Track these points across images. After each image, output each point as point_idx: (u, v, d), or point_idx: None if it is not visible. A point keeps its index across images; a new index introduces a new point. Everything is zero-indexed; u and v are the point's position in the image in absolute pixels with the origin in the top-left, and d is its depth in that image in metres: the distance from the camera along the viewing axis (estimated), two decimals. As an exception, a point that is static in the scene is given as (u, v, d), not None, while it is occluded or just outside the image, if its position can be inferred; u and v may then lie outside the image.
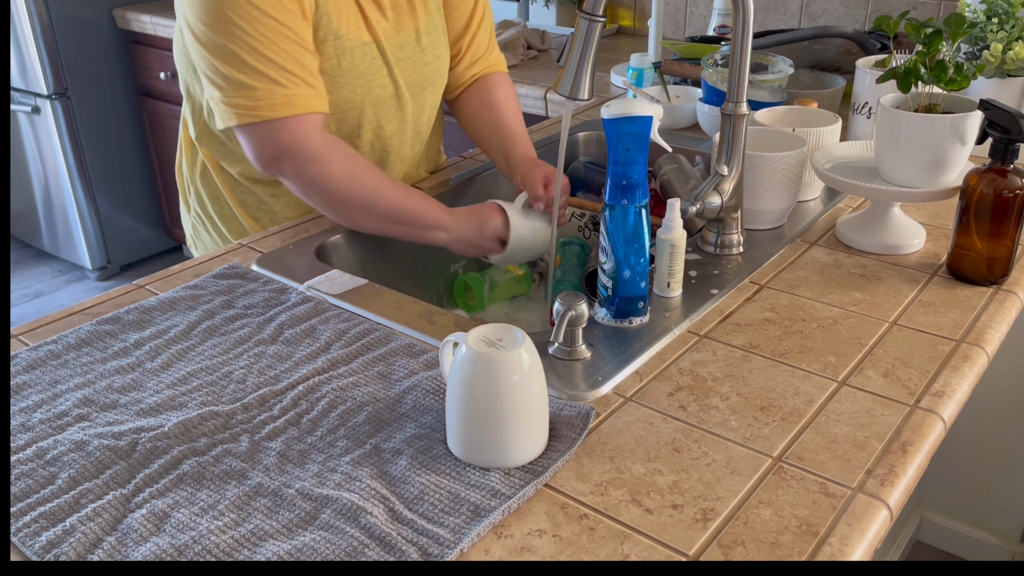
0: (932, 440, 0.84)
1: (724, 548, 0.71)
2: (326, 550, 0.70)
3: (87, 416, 0.87)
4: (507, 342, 0.78)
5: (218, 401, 0.90)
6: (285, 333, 1.01)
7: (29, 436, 0.85)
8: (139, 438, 0.83)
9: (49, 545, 0.72)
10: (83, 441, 0.83)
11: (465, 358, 0.77)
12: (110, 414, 0.88)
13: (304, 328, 1.01)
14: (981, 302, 1.07)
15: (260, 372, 0.94)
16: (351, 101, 1.26)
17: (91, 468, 0.80)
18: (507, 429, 0.78)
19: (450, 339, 0.83)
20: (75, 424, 0.86)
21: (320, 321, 1.02)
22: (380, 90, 1.28)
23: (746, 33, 1.09)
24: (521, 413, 0.78)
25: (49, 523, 0.74)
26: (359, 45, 1.24)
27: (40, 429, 0.85)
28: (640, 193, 0.97)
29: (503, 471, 0.79)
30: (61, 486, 0.78)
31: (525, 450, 0.79)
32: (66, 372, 0.95)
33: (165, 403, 0.89)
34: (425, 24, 1.32)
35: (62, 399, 0.90)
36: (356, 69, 1.24)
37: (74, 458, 0.81)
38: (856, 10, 2.19)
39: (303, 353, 0.97)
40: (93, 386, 0.92)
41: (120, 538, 0.72)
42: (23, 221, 3.46)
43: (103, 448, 0.82)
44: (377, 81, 1.27)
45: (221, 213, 1.38)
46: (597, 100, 1.89)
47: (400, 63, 1.29)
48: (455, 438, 0.80)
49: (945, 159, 1.12)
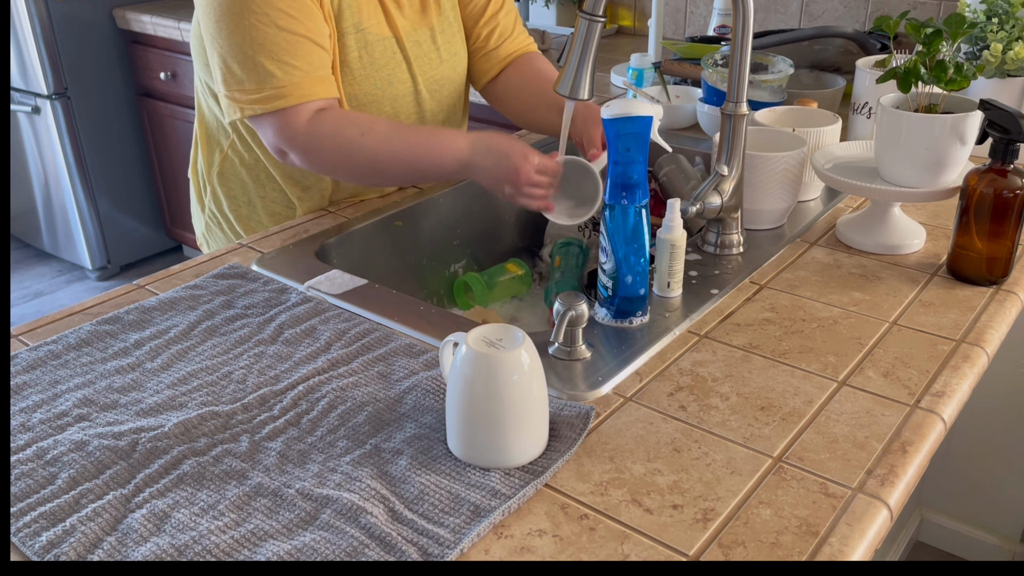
0: (932, 440, 0.84)
1: (724, 548, 0.71)
2: (326, 550, 0.70)
3: (87, 416, 0.87)
4: (507, 342, 0.78)
5: (218, 401, 0.89)
6: (285, 333, 1.01)
7: (29, 436, 0.84)
8: (139, 438, 0.83)
9: (49, 545, 0.72)
10: (83, 441, 0.83)
11: (465, 358, 0.77)
12: (110, 414, 0.88)
13: (304, 328, 1.01)
14: (981, 302, 1.07)
15: (260, 372, 0.94)
16: (371, 95, 1.28)
17: (91, 468, 0.80)
18: (507, 429, 0.78)
19: (450, 339, 0.83)
20: (75, 424, 0.86)
21: (320, 321, 1.02)
22: (399, 85, 1.30)
23: (746, 33, 1.09)
24: (521, 413, 0.78)
25: (49, 523, 0.74)
26: (380, 39, 1.26)
27: (40, 429, 0.85)
28: (640, 193, 0.97)
29: (503, 471, 0.78)
30: (61, 486, 0.78)
31: (525, 450, 0.79)
32: (66, 372, 0.95)
33: (165, 403, 0.89)
34: (439, 24, 1.34)
35: (62, 399, 0.90)
36: (376, 63, 1.27)
37: (74, 458, 0.81)
38: (856, 10, 2.19)
39: (303, 353, 0.97)
40: (93, 386, 0.92)
41: (120, 538, 0.72)
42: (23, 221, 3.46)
43: (103, 448, 0.82)
44: (397, 76, 1.30)
45: (238, 212, 1.39)
46: (597, 100, 1.89)
47: (418, 59, 1.32)
48: (455, 438, 0.80)
49: (945, 159, 1.12)
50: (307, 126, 1.17)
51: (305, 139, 1.18)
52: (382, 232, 1.32)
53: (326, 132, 1.18)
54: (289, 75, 1.15)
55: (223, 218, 1.41)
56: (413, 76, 1.32)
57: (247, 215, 1.38)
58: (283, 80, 1.15)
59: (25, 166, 3.25)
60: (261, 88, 1.16)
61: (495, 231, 1.50)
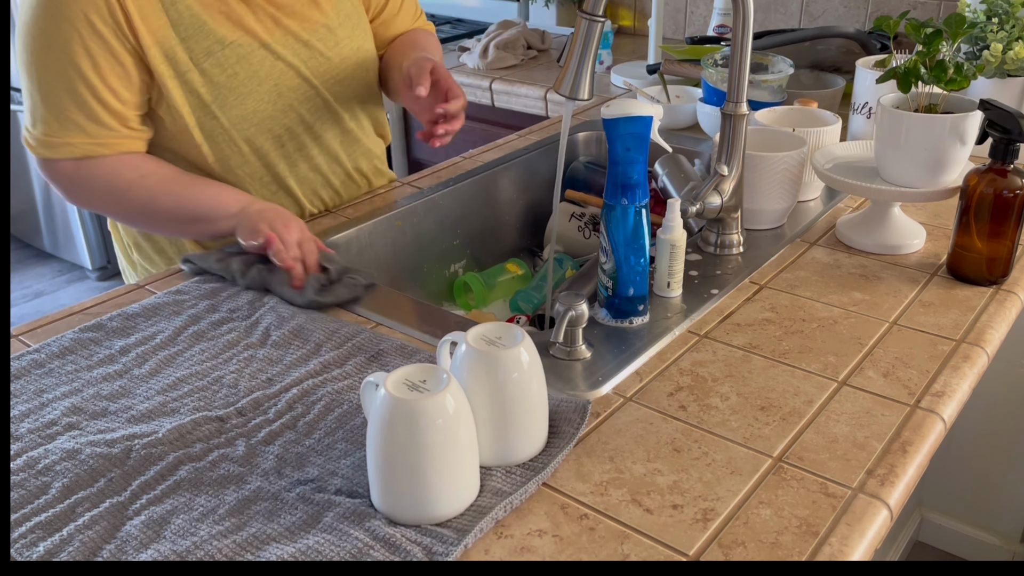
0: (932, 440, 0.84)
1: (724, 548, 0.71)
2: (331, 552, 0.70)
3: (77, 424, 0.86)
4: (506, 340, 0.78)
5: (211, 406, 0.88)
6: (273, 335, 0.99)
7: (19, 446, 0.83)
8: (132, 445, 0.82)
9: (47, 555, 0.71)
10: (75, 450, 0.81)
11: (465, 356, 0.77)
12: (100, 422, 0.86)
13: (292, 328, 1.00)
14: (981, 302, 1.07)
15: (252, 376, 0.93)
16: (262, 111, 1.21)
17: (85, 476, 0.78)
18: (508, 427, 0.78)
19: (448, 338, 0.83)
20: (65, 433, 0.84)
21: (307, 320, 1.01)
22: (291, 93, 1.23)
23: (746, 33, 1.09)
24: (521, 410, 0.78)
25: (46, 533, 0.73)
26: (255, 50, 1.19)
27: (29, 439, 0.84)
28: (640, 193, 0.97)
29: (504, 469, 0.78)
30: (55, 495, 0.76)
31: (526, 447, 0.79)
32: (51, 381, 0.93)
33: (157, 409, 0.88)
34: (335, 17, 1.27)
35: (49, 408, 0.88)
36: (257, 76, 1.19)
37: (67, 467, 0.79)
38: (856, 10, 2.19)
39: (294, 356, 0.96)
40: (80, 394, 0.91)
41: (120, 546, 0.71)
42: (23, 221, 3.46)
43: (96, 456, 0.80)
44: (285, 83, 1.22)
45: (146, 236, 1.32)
46: (597, 100, 1.89)
47: (311, 60, 1.24)
48: (455, 438, 0.80)
49: (945, 159, 1.12)
50: (70, 173, 1.14)
51: (69, 182, 1.15)
52: (382, 232, 1.32)
53: (90, 178, 1.14)
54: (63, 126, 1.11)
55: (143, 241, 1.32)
56: (306, 80, 1.24)
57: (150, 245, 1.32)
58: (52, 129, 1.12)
59: (25, 166, 3.25)
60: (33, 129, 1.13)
61: (495, 231, 1.50)
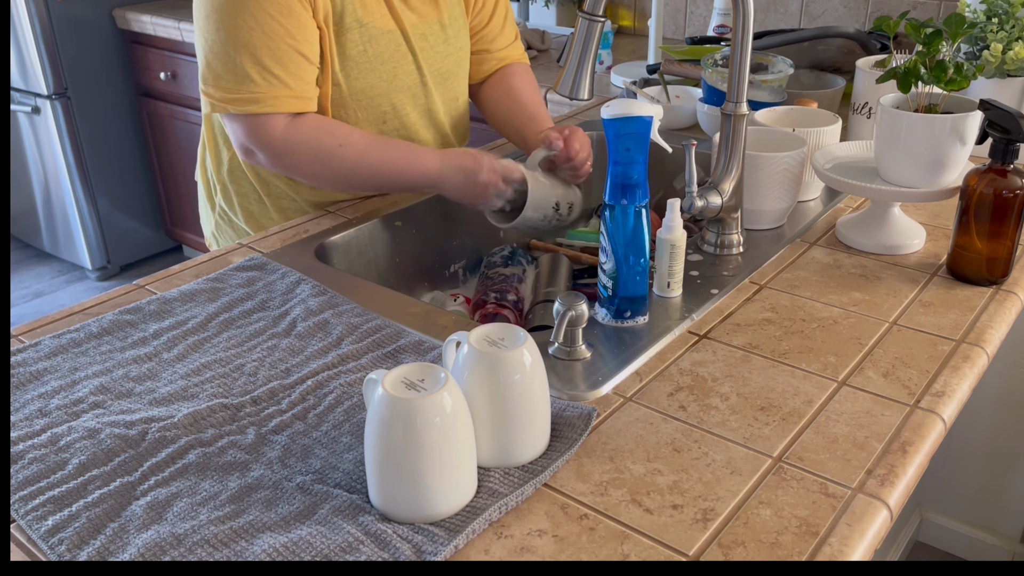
0: (932, 440, 0.84)
1: (724, 548, 0.71)
2: (321, 544, 0.70)
3: (102, 404, 0.89)
4: (509, 341, 0.78)
5: (228, 393, 0.91)
6: (299, 327, 1.02)
7: (46, 421, 0.87)
8: (149, 428, 0.85)
9: (54, 529, 0.73)
10: (95, 429, 0.84)
11: (467, 357, 0.77)
12: (124, 402, 0.90)
13: (317, 321, 1.02)
14: (981, 302, 1.07)
15: (272, 365, 0.95)
16: (377, 87, 1.30)
17: (101, 456, 0.82)
18: (508, 428, 0.78)
19: (452, 338, 0.83)
20: (90, 411, 0.88)
21: (334, 315, 1.03)
22: (405, 77, 1.33)
23: (746, 33, 1.09)
24: (522, 412, 0.78)
25: (56, 507, 0.76)
26: (384, 33, 1.28)
27: (56, 415, 0.87)
28: (640, 193, 0.97)
29: (503, 470, 0.79)
30: (71, 471, 0.80)
31: (526, 449, 0.79)
32: (86, 360, 0.97)
33: (177, 393, 0.91)
34: (448, 16, 1.36)
35: (80, 386, 0.92)
36: (382, 56, 1.28)
37: (85, 445, 0.83)
38: (856, 10, 2.19)
39: (315, 347, 0.98)
40: (111, 374, 0.94)
41: (123, 524, 0.74)
42: (23, 221, 3.46)
43: (114, 437, 0.83)
44: (402, 68, 1.32)
45: (248, 210, 1.40)
46: (597, 100, 1.89)
47: (424, 52, 1.33)
48: (455, 438, 0.80)
49: (945, 159, 1.12)
50: (284, 132, 1.20)
51: (280, 145, 1.20)
52: (382, 232, 1.32)
53: (303, 140, 1.21)
54: (268, 83, 1.17)
55: (234, 215, 1.42)
56: (419, 68, 1.33)
57: (258, 212, 1.39)
58: (261, 87, 1.17)
59: (25, 166, 3.25)
60: (238, 89, 1.17)
61: (495, 231, 1.50)
